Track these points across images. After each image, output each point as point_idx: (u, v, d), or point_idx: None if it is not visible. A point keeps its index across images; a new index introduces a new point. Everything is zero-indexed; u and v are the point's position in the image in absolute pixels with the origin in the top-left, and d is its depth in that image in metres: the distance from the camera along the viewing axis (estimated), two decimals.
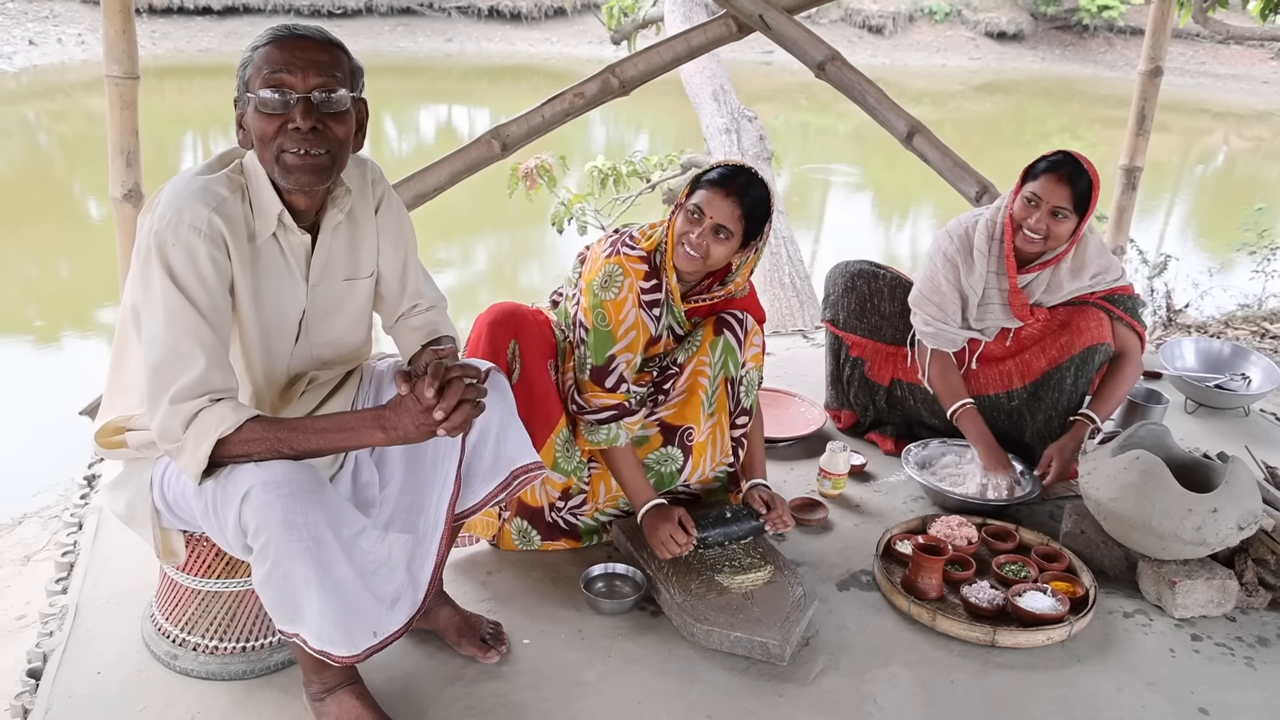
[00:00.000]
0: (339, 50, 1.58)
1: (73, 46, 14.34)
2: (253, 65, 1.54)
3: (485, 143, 3.03)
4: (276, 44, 1.53)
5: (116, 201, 2.70)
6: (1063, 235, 2.49)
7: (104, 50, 2.60)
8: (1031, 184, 2.49)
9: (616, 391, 2.14)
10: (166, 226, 1.50)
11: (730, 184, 2.06)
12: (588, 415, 2.15)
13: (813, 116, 15.34)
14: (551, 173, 5.33)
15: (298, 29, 1.56)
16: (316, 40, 1.55)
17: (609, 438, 2.16)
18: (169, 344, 1.49)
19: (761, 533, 2.22)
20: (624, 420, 2.15)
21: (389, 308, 1.87)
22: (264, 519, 1.45)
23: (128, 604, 2.01)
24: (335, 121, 1.56)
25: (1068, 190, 2.44)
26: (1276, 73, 20.01)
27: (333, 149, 1.56)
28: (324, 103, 1.54)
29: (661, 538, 2.11)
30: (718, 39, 3.14)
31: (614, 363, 2.13)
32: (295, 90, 1.52)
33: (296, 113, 1.51)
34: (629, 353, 2.14)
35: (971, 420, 2.61)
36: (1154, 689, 1.94)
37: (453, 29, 18.24)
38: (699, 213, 2.06)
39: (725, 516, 2.20)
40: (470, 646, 1.90)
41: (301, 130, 1.52)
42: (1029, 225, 2.49)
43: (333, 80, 1.54)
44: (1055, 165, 2.47)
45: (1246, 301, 5.48)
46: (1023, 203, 2.50)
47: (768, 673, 1.91)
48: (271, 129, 1.53)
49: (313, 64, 1.52)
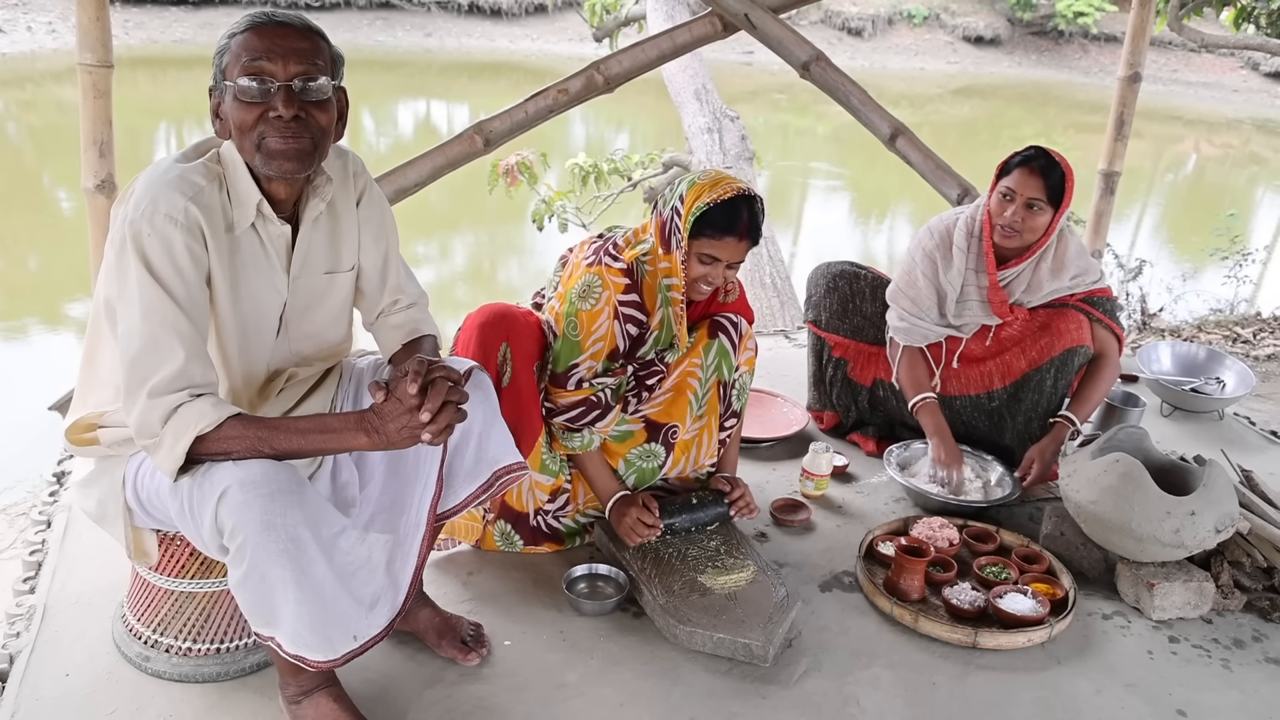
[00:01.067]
0: (319, 37, 1.55)
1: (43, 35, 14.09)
2: (230, 53, 1.50)
3: (468, 138, 2.99)
4: (255, 31, 1.50)
5: (89, 192, 2.63)
6: (1039, 228, 2.51)
7: (77, 37, 2.54)
8: (1006, 179, 2.52)
9: (580, 389, 2.13)
10: (142, 216, 1.46)
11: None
12: (558, 418, 2.14)
13: (792, 117, 15.39)
14: (532, 170, 5.31)
15: (276, 15, 1.53)
16: (296, 27, 1.52)
17: (584, 444, 2.16)
18: (146, 336, 1.45)
19: (728, 519, 2.25)
20: (597, 424, 2.14)
21: (369, 303, 1.84)
22: (241, 519, 1.42)
23: (98, 604, 1.96)
24: (317, 109, 1.53)
25: (1040, 182, 2.47)
26: (1246, 81, 20.35)
27: (315, 137, 1.54)
28: (305, 91, 1.51)
29: (629, 524, 2.12)
30: (703, 37, 3.13)
31: (574, 370, 2.12)
32: (276, 78, 1.49)
33: (278, 101, 1.48)
34: (591, 361, 2.13)
35: (931, 414, 2.65)
36: (1133, 690, 1.95)
37: (432, 24, 18.12)
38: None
39: (691, 503, 2.23)
40: (450, 648, 1.87)
41: (284, 119, 1.49)
42: (1005, 219, 2.51)
43: (314, 68, 1.51)
44: (1028, 159, 2.50)
45: (1218, 306, 5.55)
46: (998, 198, 2.53)
47: (751, 674, 1.90)
48: (252, 118, 1.50)
49: (293, 51, 1.49)
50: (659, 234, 2.09)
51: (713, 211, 2.00)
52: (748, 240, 2.05)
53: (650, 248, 2.11)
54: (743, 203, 2.02)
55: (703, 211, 2.00)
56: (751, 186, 2.06)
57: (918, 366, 2.72)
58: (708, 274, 2.07)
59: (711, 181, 2.03)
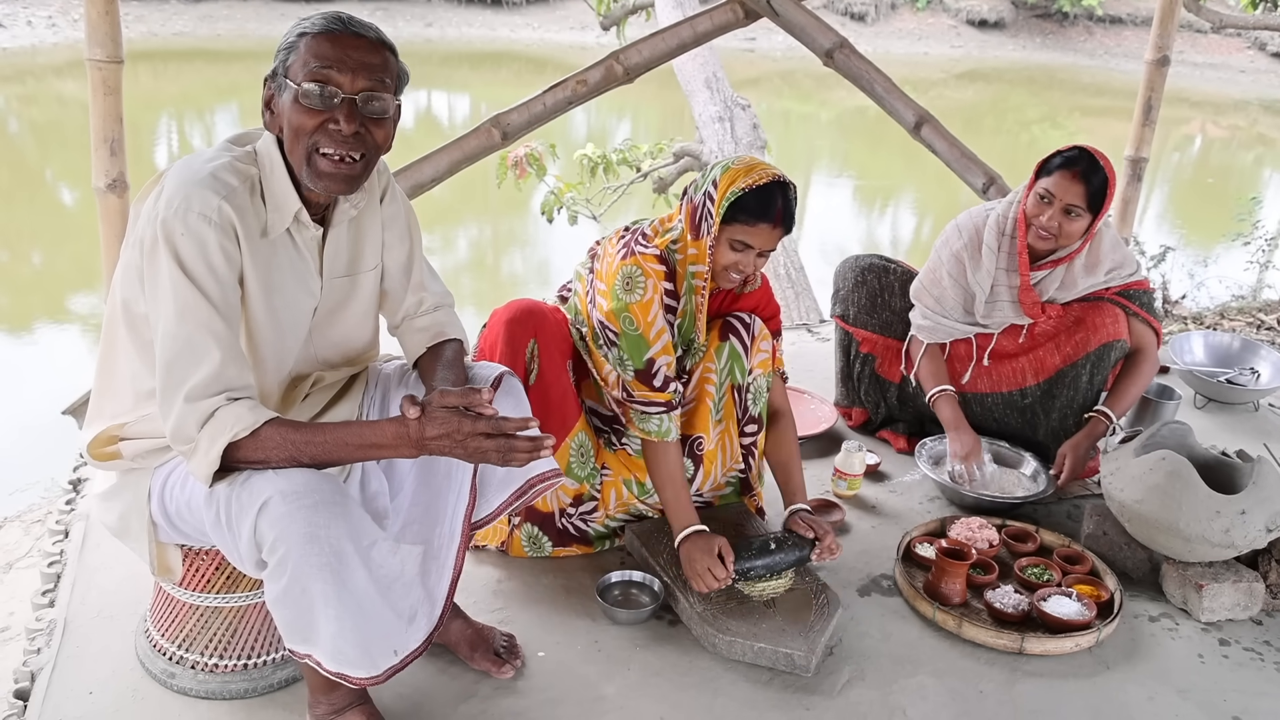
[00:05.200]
0: (390, 52, 1.50)
1: (43, 29, 13.95)
2: (298, 53, 1.44)
3: (485, 131, 2.92)
4: (329, 36, 1.44)
5: (100, 192, 2.57)
6: (1075, 234, 2.43)
7: (86, 32, 2.46)
8: (1045, 180, 2.42)
9: (665, 391, 2.05)
10: (174, 214, 1.40)
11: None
12: (636, 404, 2.05)
13: (795, 104, 15.26)
14: (541, 161, 5.23)
15: (352, 24, 1.47)
16: (370, 39, 1.47)
17: (660, 430, 2.05)
18: (182, 338, 1.39)
19: (807, 561, 2.04)
20: (673, 412, 2.06)
21: (393, 304, 1.79)
22: (283, 531, 1.36)
23: (120, 618, 1.91)
24: (376, 126, 1.49)
25: (1082, 188, 2.37)
26: (1254, 61, 20.17)
27: (369, 153, 1.50)
28: (369, 107, 1.46)
29: (698, 570, 1.96)
30: (724, 25, 3.05)
31: (655, 365, 2.03)
32: (342, 89, 1.44)
33: (341, 114, 1.44)
34: (666, 355, 2.04)
35: (949, 405, 2.60)
36: (1186, 697, 1.89)
37: (432, 14, 17.99)
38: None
39: (770, 547, 2.00)
40: (484, 661, 1.82)
41: (344, 133, 1.44)
42: (1041, 223, 2.43)
43: (380, 85, 1.47)
44: (1070, 162, 2.39)
45: (1241, 292, 5.47)
46: (1035, 199, 2.44)
47: (792, 684, 1.85)
48: (311, 124, 1.44)
49: (364, 66, 1.44)
50: (689, 220, 2.03)
51: (747, 197, 1.95)
52: (781, 228, 1.99)
53: (679, 234, 2.05)
54: (777, 189, 1.96)
55: (737, 197, 1.95)
56: (785, 174, 2.00)
57: (936, 360, 2.67)
58: (739, 261, 2.01)
59: (746, 167, 1.97)
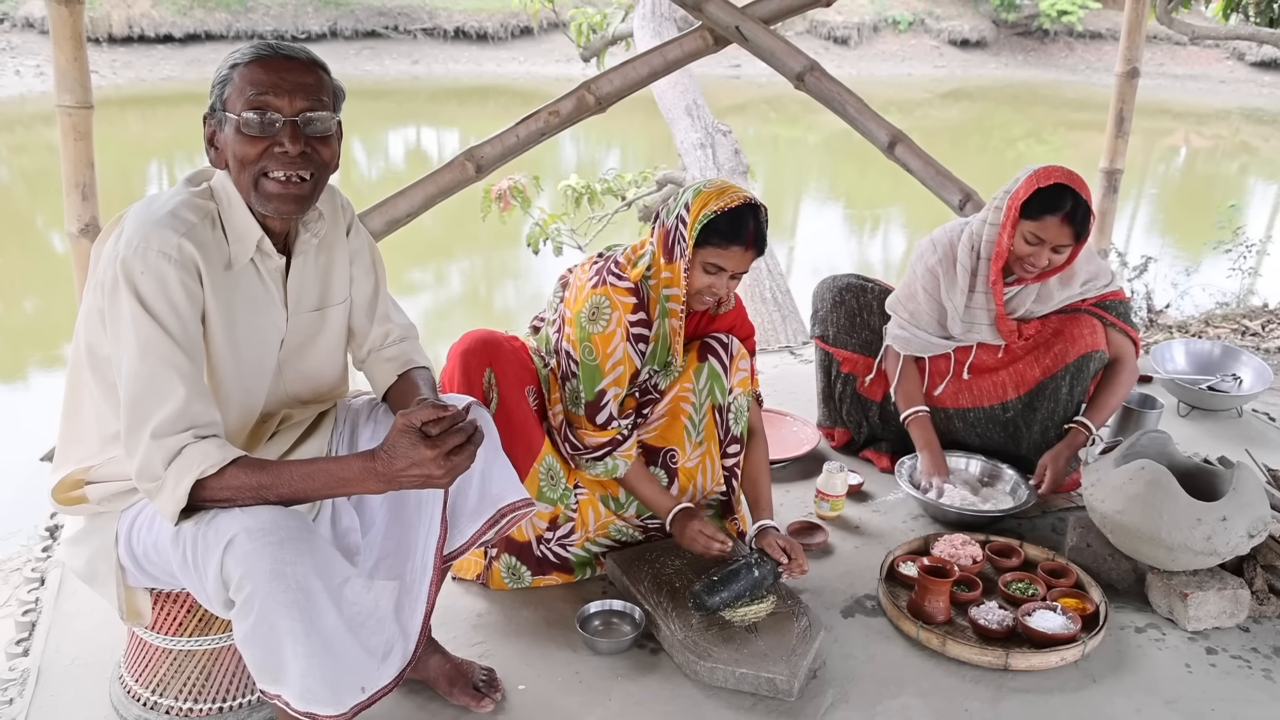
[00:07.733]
0: (322, 71, 1.52)
1: (31, 78, 14.07)
2: (233, 85, 1.46)
3: (459, 165, 2.94)
4: (261, 64, 1.46)
5: (73, 236, 2.58)
6: (1060, 262, 2.44)
7: (55, 79, 2.49)
8: (1032, 224, 2.37)
9: (607, 429, 2.08)
10: (134, 253, 1.40)
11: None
12: (582, 454, 2.09)
13: (782, 129, 15.37)
14: (525, 193, 5.26)
15: (281, 48, 1.49)
16: (302, 61, 1.49)
17: (608, 469, 2.11)
18: (145, 375, 1.39)
19: (773, 580, 2.03)
20: (618, 451, 2.09)
21: (359, 339, 1.79)
22: (249, 569, 1.35)
23: (96, 664, 1.89)
24: (321, 144, 1.50)
25: (1071, 230, 2.36)
26: (1233, 71, 20.36)
27: (317, 172, 1.51)
28: (310, 126, 1.47)
29: (700, 543, 2.06)
30: (694, 52, 3.08)
31: (604, 397, 2.06)
32: (282, 113, 1.45)
33: (284, 137, 1.45)
34: (616, 387, 2.07)
35: (921, 427, 2.64)
36: (1174, 708, 1.87)
37: (419, 51, 18.13)
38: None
39: (734, 574, 1.99)
40: (463, 695, 1.80)
41: (290, 154, 1.45)
42: (1030, 262, 2.42)
43: (319, 104, 1.48)
44: (1055, 205, 2.34)
45: (1224, 299, 5.49)
46: (1022, 242, 2.41)
47: (776, 709, 1.83)
48: (255, 152, 1.46)
49: (300, 87, 1.46)
50: (662, 243, 2.05)
51: (719, 220, 1.96)
52: (753, 250, 2.01)
53: (651, 259, 2.06)
54: (749, 212, 1.98)
55: (709, 220, 1.96)
56: (756, 197, 2.01)
57: (911, 380, 2.68)
58: (712, 284, 2.03)
59: (718, 190, 1.99)
